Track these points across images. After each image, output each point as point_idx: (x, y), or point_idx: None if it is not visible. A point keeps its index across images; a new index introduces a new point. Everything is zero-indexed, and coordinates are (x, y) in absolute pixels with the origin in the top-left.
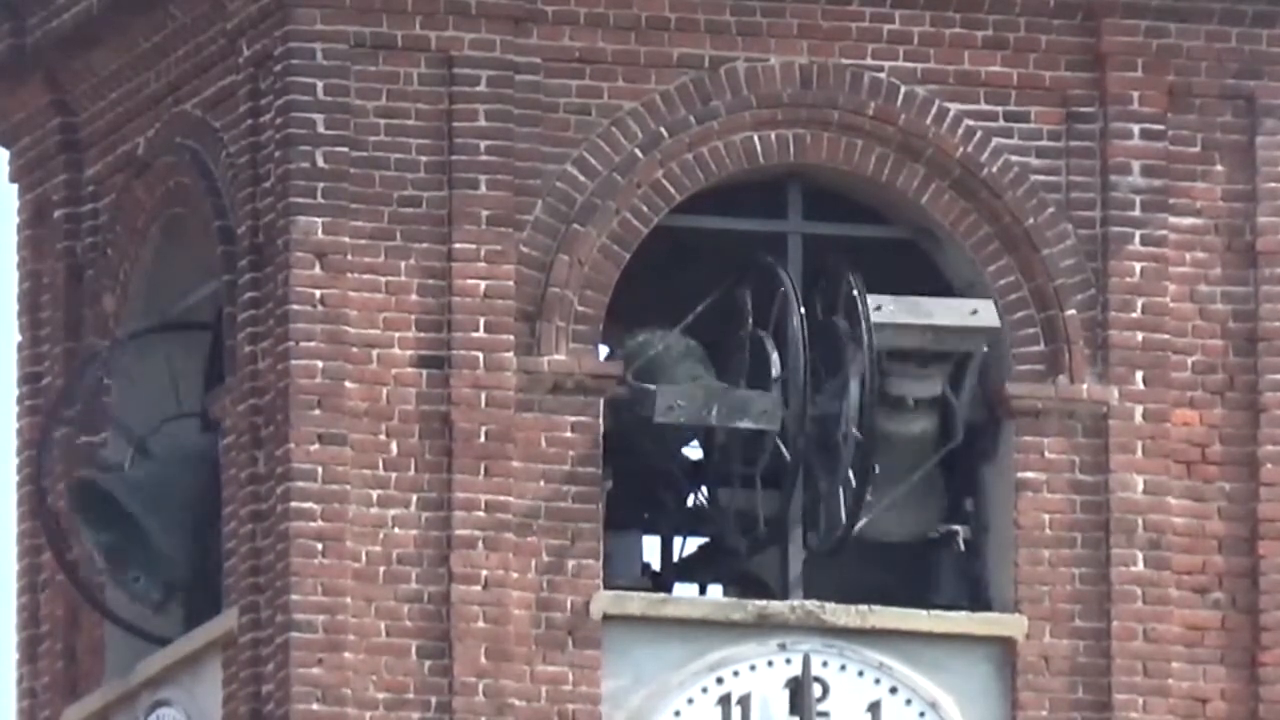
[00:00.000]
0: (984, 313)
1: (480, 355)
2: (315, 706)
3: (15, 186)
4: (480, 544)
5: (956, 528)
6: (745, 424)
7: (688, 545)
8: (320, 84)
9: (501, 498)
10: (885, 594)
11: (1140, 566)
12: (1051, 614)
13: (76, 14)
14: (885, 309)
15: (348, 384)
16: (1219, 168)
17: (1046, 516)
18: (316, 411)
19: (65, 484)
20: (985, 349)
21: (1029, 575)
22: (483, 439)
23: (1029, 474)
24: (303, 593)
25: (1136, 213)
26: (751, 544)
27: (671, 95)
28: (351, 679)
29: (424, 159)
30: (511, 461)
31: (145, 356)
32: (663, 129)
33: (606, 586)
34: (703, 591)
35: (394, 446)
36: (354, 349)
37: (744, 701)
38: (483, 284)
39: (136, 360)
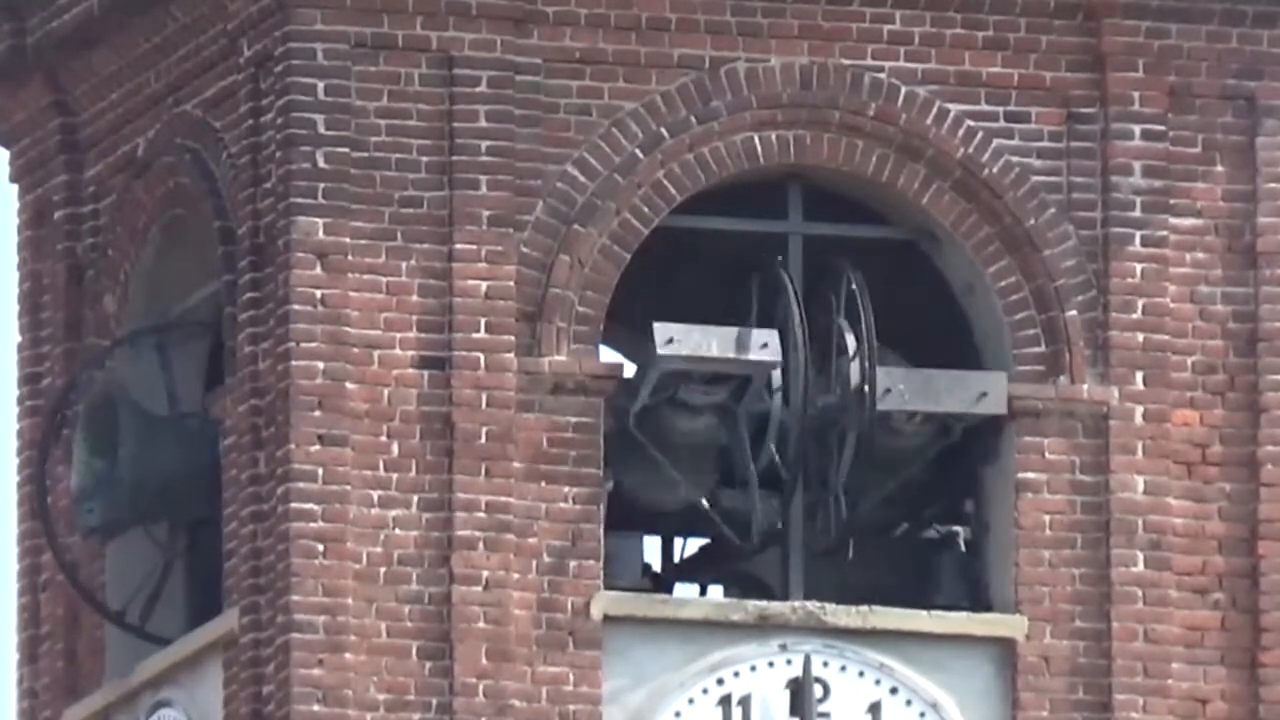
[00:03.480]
0: (993, 395)
1: (481, 356)
2: (316, 707)
3: (16, 187)
4: (481, 545)
5: (957, 528)
6: (748, 356)
7: (688, 546)
8: (321, 84)
9: (502, 498)
10: (885, 594)
11: (1140, 567)
12: (1052, 614)
13: (77, 14)
14: (895, 390)
15: (348, 385)
16: (1219, 168)
17: (1047, 517)
18: (317, 412)
19: (88, 396)
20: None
21: (1029, 576)
22: (484, 440)
23: (1029, 474)
24: (303, 593)
25: (1137, 213)
26: (752, 545)
27: (672, 96)
28: (352, 680)
29: (425, 159)
30: (512, 462)
31: (145, 356)
32: (663, 129)
33: (607, 587)
34: (703, 592)
35: (395, 447)
36: (355, 349)
37: (745, 702)
38: (483, 284)
39: (137, 360)
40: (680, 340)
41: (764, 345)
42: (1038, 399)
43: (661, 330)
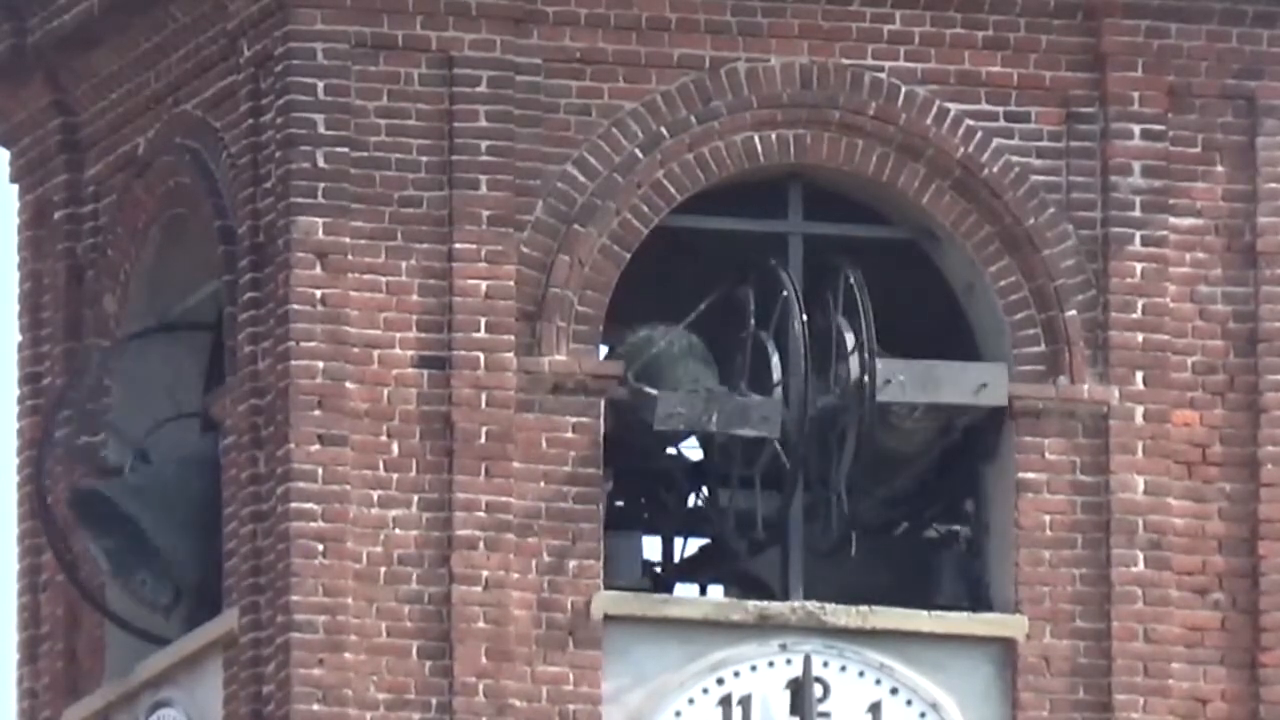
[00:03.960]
0: (994, 386)
1: (481, 355)
2: (316, 707)
3: (16, 187)
4: (481, 544)
5: (957, 528)
6: (745, 431)
7: (688, 546)
8: (321, 84)
9: (502, 498)
10: (886, 594)
11: (1141, 567)
12: (1052, 614)
13: (77, 14)
14: (895, 381)
15: (348, 384)
16: (1219, 168)
17: (1047, 517)
18: (317, 412)
19: (66, 492)
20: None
21: (1030, 576)
22: (483, 439)
23: (1030, 474)
24: (303, 593)
25: (1137, 213)
26: (752, 545)
27: (672, 95)
28: (352, 679)
29: (425, 159)
30: (512, 462)
31: (145, 356)
32: (663, 129)
33: (607, 587)
34: (703, 592)
35: (395, 447)
36: (355, 349)
37: (745, 702)
38: (483, 284)
39: (137, 360)
40: (683, 414)
41: (764, 419)
42: (1038, 399)
43: (665, 403)
